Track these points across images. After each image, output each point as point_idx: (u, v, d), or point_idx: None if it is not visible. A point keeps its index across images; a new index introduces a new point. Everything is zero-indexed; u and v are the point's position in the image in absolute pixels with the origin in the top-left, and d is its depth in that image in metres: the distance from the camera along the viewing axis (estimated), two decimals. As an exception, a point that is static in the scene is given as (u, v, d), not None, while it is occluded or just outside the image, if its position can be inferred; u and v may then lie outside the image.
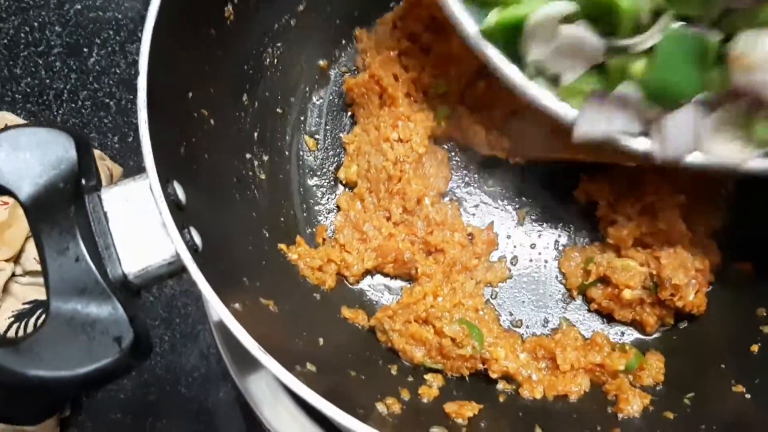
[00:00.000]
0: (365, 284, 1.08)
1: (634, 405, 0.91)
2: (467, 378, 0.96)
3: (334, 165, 1.14)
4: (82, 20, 1.50)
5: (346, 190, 1.11)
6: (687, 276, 0.94)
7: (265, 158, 1.07)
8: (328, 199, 1.13)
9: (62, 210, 0.78)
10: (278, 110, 1.12)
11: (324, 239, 1.07)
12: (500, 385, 0.97)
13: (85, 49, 1.48)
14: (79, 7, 1.50)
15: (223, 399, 1.25)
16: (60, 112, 1.43)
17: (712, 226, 1.03)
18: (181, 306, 1.30)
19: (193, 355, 1.27)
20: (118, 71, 1.46)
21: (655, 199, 0.99)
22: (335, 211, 1.11)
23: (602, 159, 0.97)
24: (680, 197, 0.99)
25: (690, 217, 0.99)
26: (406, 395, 0.90)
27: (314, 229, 1.09)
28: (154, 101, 0.79)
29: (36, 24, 1.48)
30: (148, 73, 0.80)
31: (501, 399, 0.95)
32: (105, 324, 0.74)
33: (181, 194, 0.81)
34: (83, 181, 0.80)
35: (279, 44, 1.09)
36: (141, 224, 0.79)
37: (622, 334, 1.03)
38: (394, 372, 0.96)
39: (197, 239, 0.80)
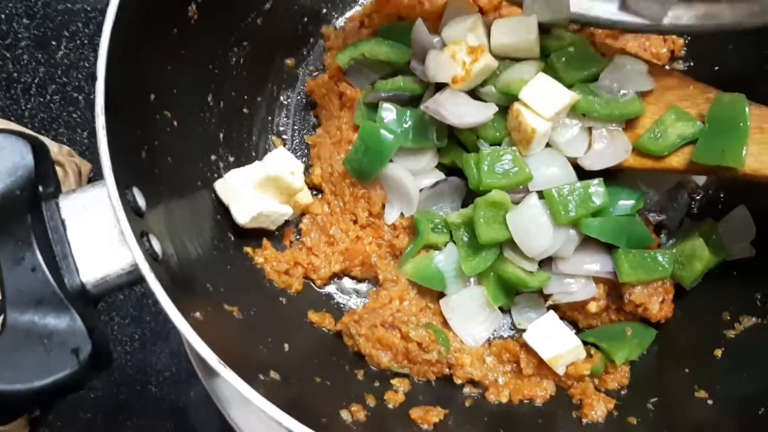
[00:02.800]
0: (332, 288, 1.07)
1: (598, 410, 0.91)
2: (433, 382, 0.97)
3: (303, 166, 1.12)
4: (51, 12, 1.47)
5: (313, 192, 1.10)
6: (648, 290, 0.95)
7: (231, 159, 1.06)
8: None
9: (18, 219, 0.76)
10: (244, 110, 1.10)
11: (291, 242, 1.07)
12: (467, 389, 0.97)
13: (53, 42, 1.45)
14: (47, -1, 1.47)
15: (194, 397, 1.24)
16: (28, 106, 1.40)
17: None
18: (151, 304, 1.29)
19: (164, 354, 1.26)
20: (87, 65, 1.43)
21: None
22: (302, 214, 1.10)
23: None
24: None
25: None
26: (371, 401, 0.90)
27: (281, 232, 1.08)
28: (114, 105, 0.78)
29: (3, 16, 1.45)
30: (107, 76, 0.78)
31: (467, 404, 0.96)
32: (63, 335, 0.73)
33: (141, 200, 0.80)
34: (40, 188, 0.79)
35: (245, 43, 1.08)
36: (100, 232, 0.78)
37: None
38: (360, 377, 0.95)
39: (157, 247, 0.79)
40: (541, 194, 0.94)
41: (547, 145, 0.95)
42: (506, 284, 0.97)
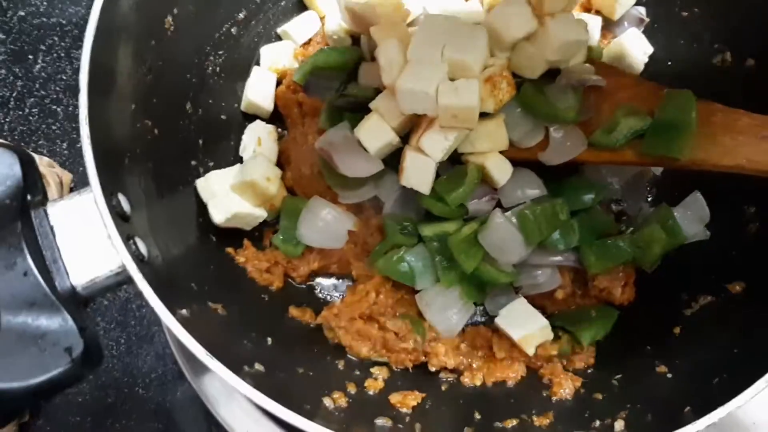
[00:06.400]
0: (312, 283, 1.11)
1: (566, 388, 0.96)
2: (411, 369, 1.01)
3: (280, 172, 1.16)
4: (26, 27, 1.49)
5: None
6: (611, 275, 1.01)
7: (211, 164, 1.09)
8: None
9: (9, 226, 0.80)
10: (222, 117, 1.14)
11: (270, 242, 1.10)
12: (443, 375, 1.02)
13: (30, 56, 1.47)
14: (22, 13, 1.50)
15: (180, 398, 1.27)
16: (7, 120, 1.42)
17: None
18: (135, 308, 1.32)
19: (150, 356, 1.29)
20: (64, 77, 1.46)
21: None
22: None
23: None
24: None
25: None
26: (352, 389, 0.94)
27: (261, 233, 1.12)
28: (97, 114, 0.81)
29: (-22, 32, 1.47)
30: (89, 87, 0.81)
31: (443, 388, 1.00)
32: (55, 335, 0.77)
33: (125, 205, 0.83)
34: (29, 197, 0.82)
35: (221, 52, 1.11)
36: (87, 237, 0.81)
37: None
38: (341, 367, 1.00)
39: (143, 249, 0.82)
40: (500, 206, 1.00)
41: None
42: (480, 282, 1.02)
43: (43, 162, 1.31)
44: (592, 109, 0.99)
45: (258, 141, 1.11)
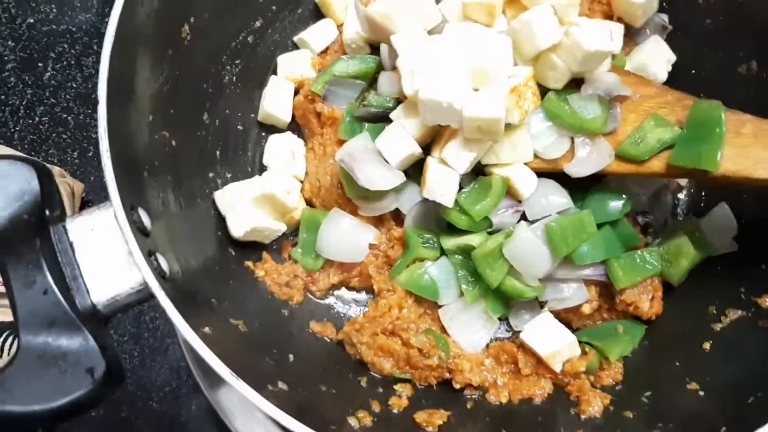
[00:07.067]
0: (332, 298, 1.10)
1: (595, 405, 0.94)
2: (435, 386, 0.99)
3: (299, 185, 1.14)
4: (36, 34, 1.47)
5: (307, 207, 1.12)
6: (638, 289, 0.99)
7: (228, 176, 1.08)
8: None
9: (27, 242, 0.78)
10: (239, 127, 1.12)
11: (289, 255, 1.08)
12: (467, 391, 1.00)
13: (39, 64, 1.45)
14: (32, 20, 1.48)
15: (195, 411, 1.26)
16: (17, 128, 1.41)
17: None
18: (149, 320, 1.30)
19: (164, 369, 1.28)
20: (74, 85, 1.44)
21: None
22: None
23: None
24: None
25: None
26: (376, 407, 0.92)
27: (280, 245, 1.10)
28: (116, 127, 0.80)
29: (-13, 39, 1.46)
30: (108, 99, 0.80)
31: (468, 405, 0.98)
32: (77, 355, 0.75)
33: (146, 220, 0.82)
34: (47, 212, 0.80)
35: (237, 61, 1.10)
36: (107, 253, 0.80)
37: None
38: (364, 384, 0.98)
39: (164, 265, 0.80)
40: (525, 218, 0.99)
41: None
42: (504, 296, 1.00)
43: (54, 172, 1.29)
44: (619, 120, 0.97)
45: (292, 155, 1.10)
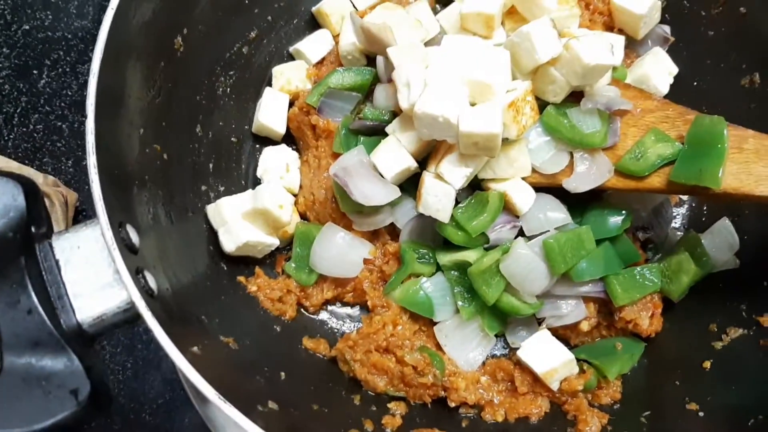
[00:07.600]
0: (325, 314, 1.08)
1: (592, 425, 0.93)
2: (429, 405, 0.97)
3: (293, 199, 1.12)
4: (31, 41, 1.46)
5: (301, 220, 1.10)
6: (638, 305, 0.97)
7: (222, 189, 1.06)
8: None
9: (12, 261, 0.77)
10: (233, 139, 1.11)
11: (283, 269, 1.07)
12: (463, 410, 0.98)
13: (34, 71, 1.44)
14: (27, 27, 1.46)
15: (188, 425, 1.24)
16: (11, 136, 1.39)
17: None
18: (142, 331, 1.28)
19: (157, 382, 1.26)
20: (69, 93, 1.42)
21: None
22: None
23: None
24: None
25: None
26: (369, 426, 0.91)
27: (273, 259, 1.08)
28: (105, 142, 0.78)
29: (-18, 46, 1.44)
30: (97, 113, 0.79)
31: (464, 424, 0.97)
32: (61, 377, 0.74)
33: (134, 237, 0.80)
34: (33, 229, 0.79)
35: (231, 72, 1.08)
36: (94, 271, 0.78)
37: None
38: (357, 402, 0.96)
39: (152, 282, 0.79)
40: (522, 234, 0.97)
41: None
42: (501, 313, 0.98)
43: (48, 181, 1.28)
44: (619, 134, 0.95)
45: (287, 168, 1.08)
